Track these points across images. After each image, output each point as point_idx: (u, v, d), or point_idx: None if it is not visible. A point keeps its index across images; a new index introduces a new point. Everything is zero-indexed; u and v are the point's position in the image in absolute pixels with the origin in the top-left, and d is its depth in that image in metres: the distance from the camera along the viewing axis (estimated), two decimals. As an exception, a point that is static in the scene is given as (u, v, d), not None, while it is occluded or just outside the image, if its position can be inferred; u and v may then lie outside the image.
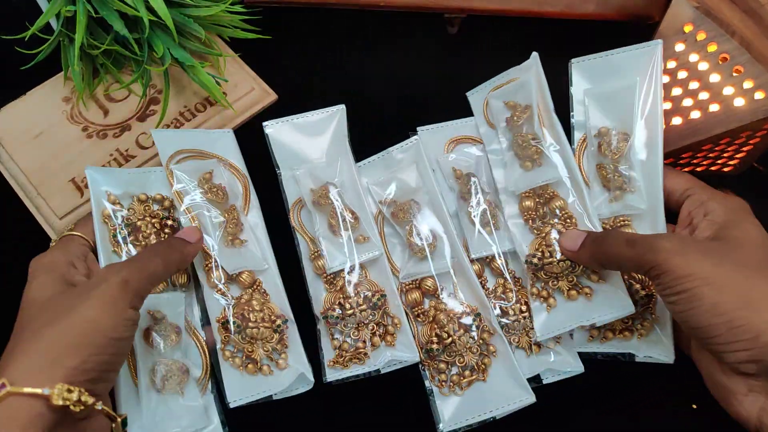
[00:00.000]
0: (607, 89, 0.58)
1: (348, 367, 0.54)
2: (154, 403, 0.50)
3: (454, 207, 0.60)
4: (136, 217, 0.55)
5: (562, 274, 0.54)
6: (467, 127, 0.63)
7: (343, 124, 0.61)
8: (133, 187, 0.57)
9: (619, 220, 0.57)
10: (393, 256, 0.58)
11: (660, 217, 0.55)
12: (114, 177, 0.56)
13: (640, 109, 0.57)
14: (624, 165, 0.56)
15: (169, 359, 0.51)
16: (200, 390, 0.52)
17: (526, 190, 0.57)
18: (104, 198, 0.55)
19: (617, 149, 0.56)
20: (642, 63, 0.57)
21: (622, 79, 0.58)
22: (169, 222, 0.55)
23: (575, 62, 0.60)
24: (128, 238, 0.54)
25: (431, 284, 0.56)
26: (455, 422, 0.52)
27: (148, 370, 0.51)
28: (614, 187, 0.56)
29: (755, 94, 0.55)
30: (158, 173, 0.58)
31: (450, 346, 0.54)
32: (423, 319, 0.56)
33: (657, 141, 0.56)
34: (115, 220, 0.55)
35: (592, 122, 0.58)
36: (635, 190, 0.56)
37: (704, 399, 0.56)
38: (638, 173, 0.56)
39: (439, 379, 0.54)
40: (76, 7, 0.58)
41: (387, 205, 0.59)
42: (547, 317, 0.54)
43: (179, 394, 0.50)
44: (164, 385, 0.50)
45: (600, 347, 0.55)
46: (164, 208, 0.57)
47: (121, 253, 0.54)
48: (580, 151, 0.58)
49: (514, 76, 0.61)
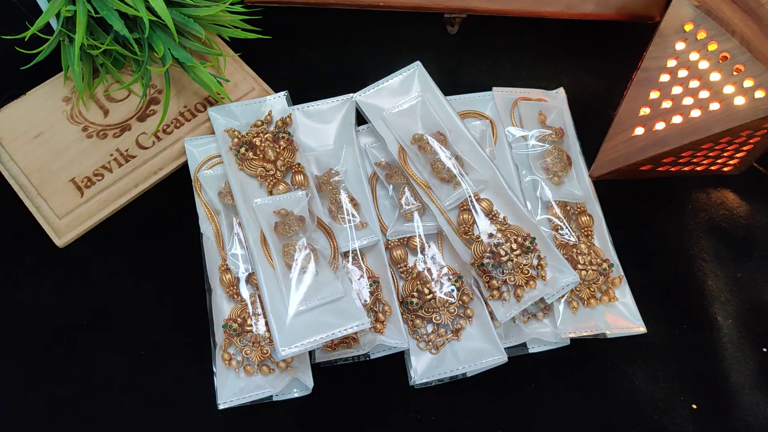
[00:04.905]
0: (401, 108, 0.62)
1: (335, 350, 0.54)
2: (293, 281, 0.53)
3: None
4: (251, 136, 0.59)
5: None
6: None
7: (351, 114, 0.63)
8: (248, 117, 0.62)
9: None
10: (382, 215, 0.60)
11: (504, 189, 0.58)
12: (230, 112, 0.62)
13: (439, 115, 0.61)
14: (449, 155, 0.58)
15: (298, 242, 0.54)
16: (331, 268, 0.54)
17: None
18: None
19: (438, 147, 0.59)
20: (417, 82, 0.63)
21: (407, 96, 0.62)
22: (282, 135, 0.59)
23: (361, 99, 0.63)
24: (248, 154, 0.59)
25: (417, 243, 0.58)
26: (427, 375, 0.54)
27: (281, 253, 0.54)
28: (450, 177, 0.58)
29: (755, 92, 0.55)
30: (268, 101, 0.63)
31: (429, 303, 0.55)
32: (406, 275, 0.57)
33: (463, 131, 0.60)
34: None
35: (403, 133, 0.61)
36: (468, 171, 0.58)
37: (704, 399, 0.57)
38: (467, 157, 0.59)
39: (418, 333, 0.56)
40: (76, 7, 0.58)
41: (382, 167, 0.61)
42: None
43: (314, 272, 0.53)
44: (299, 263, 0.53)
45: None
46: (277, 127, 0.61)
47: (242, 165, 0.59)
48: (403, 159, 0.60)
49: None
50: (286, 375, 0.53)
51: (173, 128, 0.63)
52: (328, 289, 0.53)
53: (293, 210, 0.56)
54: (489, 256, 0.55)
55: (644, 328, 0.56)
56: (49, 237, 0.58)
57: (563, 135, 0.63)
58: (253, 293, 0.55)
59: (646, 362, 0.58)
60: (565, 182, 0.61)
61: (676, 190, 0.66)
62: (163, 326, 0.59)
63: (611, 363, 0.58)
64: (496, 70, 0.72)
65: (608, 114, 0.66)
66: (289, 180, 0.59)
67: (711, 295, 0.61)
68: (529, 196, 0.60)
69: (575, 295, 0.57)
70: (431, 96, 0.62)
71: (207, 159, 0.61)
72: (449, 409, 0.56)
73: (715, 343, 0.59)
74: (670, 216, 0.65)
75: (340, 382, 0.56)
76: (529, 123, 0.63)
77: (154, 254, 0.61)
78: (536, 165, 0.61)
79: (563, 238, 0.58)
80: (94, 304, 0.59)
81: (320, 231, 0.56)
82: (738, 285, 0.62)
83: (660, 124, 0.58)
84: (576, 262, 0.57)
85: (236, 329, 0.54)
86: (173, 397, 0.56)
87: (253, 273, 0.55)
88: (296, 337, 0.50)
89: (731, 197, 0.66)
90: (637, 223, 0.64)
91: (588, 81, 0.71)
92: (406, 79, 0.63)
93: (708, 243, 0.64)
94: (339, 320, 0.51)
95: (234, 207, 0.58)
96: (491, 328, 0.55)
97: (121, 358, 0.57)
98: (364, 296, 0.55)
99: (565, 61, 0.73)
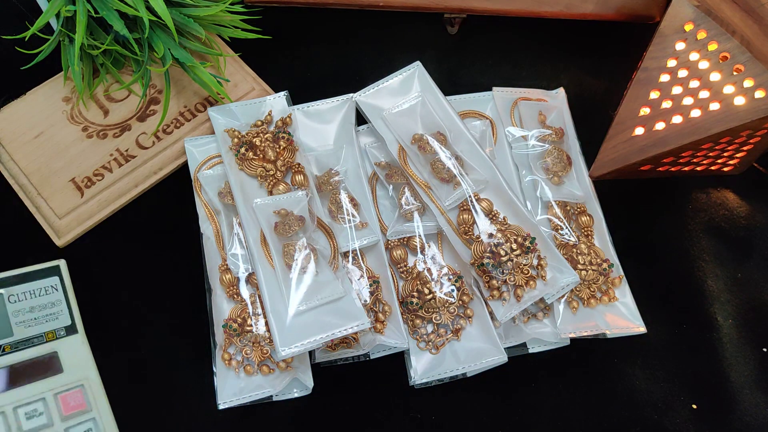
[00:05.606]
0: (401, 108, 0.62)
1: (336, 350, 0.54)
2: (293, 281, 0.53)
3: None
4: (251, 136, 0.59)
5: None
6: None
7: (351, 114, 0.63)
8: (248, 117, 0.62)
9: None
10: (383, 215, 0.60)
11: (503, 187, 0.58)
12: (230, 112, 0.62)
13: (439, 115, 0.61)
14: (449, 155, 0.58)
15: (298, 241, 0.54)
16: (331, 268, 0.54)
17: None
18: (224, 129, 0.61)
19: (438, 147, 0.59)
20: (417, 82, 0.63)
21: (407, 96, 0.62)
22: (282, 135, 0.59)
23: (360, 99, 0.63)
24: (248, 154, 0.59)
25: (417, 243, 0.58)
26: (427, 375, 0.54)
27: (281, 253, 0.54)
28: (450, 177, 0.58)
29: (755, 92, 0.55)
30: (268, 101, 0.63)
31: (429, 303, 0.55)
32: (406, 276, 0.57)
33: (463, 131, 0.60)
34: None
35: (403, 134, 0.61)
36: (468, 171, 0.58)
37: (704, 399, 0.57)
38: (467, 157, 0.59)
39: (418, 333, 0.56)
40: (76, 7, 0.58)
41: (382, 167, 0.61)
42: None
43: (314, 272, 0.53)
44: (299, 263, 0.53)
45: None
46: (277, 127, 0.61)
47: (242, 165, 0.59)
48: (403, 159, 0.60)
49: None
50: (286, 375, 0.53)
51: (173, 128, 0.63)
52: (328, 289, 0.53)
53: (293, 210, 0.56)
54: (489, 256, 0.55)
55: (644, 328, 0.56)
56: (49, 237, 0.58)
57: (563, 135, 0.62)
58: (253, 293, 0.55)
59: (646, 362, 0.58)
60: (565, 182, 0.61)
61: (676, 190, 0.66)
62: (163, 326, 0.59)
63: (611, 363, 0.58)
64: (496, 70, 0.72)
65: (608, 114, 0.66)
66: (289, 180, 0.59)
67: (711, 295, 0.61)
68: (529, 196, 0.60)
69: (575, 295, 0.57)
70: (431, 96, 0.62)
71: (207, 159, 0.61)
72: (449, 409, 0.56)
73: (715, 343, 0.59)
74: (670, 216, 0.65)
75: (340, 382, 0.56)
76: (529, 123, 0.63)
77: (154, 254, 0.61)
78: (536, 165, 0.61)
79: (563, 238, 0.58)
80: (93, 304, 0.59)
81: (320, 231, 0.56)
82: (738, 285, 0.62)
83: (660, 124, 0.58)
84: (576, 262, 0.57)
85: (236, 329, 0.54)
86: (173, 397, 0.56)
87: (253, 273, 0.55)
88: (296, 337, 0.50)
89: (731, 197, 0.66)
90: (637, 223, 0.64)
91: (588, 81, 0.71)
92: (406, 79, 0.63)
93: (708, 243, 0.64)
94: (339, 320, 0.51)
95: (234, 207, 0.58)
96: (491, 328, 0.55)
97: (121, 358, 0.57)
98: (364, 296, 0.55)
99: (565, 61, 0.73)
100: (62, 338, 0.52)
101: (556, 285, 0.54)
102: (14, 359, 0.50)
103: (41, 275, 0.53)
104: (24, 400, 0.49)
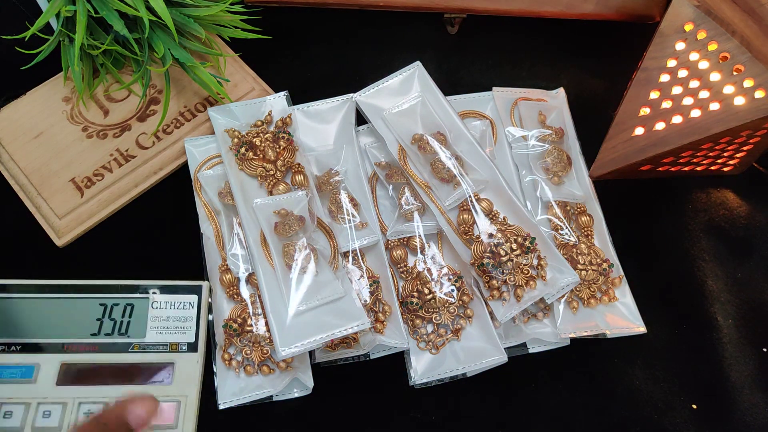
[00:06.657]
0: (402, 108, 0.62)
1: (336, 350, 0.54)
2: (293, 281, 0.53)
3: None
4: (251, 136, 0.59)
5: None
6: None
7: (351, 114, 0.63)
8: (248, 117, 0.62)
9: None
10: (383, 215, 0.60)
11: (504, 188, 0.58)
12: (230, 112, 0.63)
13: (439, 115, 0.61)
14: (449, 155, 0.58)
15: (298, 242, 0.54)
16: (331, 268, 0.54)
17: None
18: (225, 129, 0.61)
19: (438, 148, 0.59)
20: (417, 82, 0.63)
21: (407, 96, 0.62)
22: (282, 135, 0.60)
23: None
24: (248, 154, 0.59)
25: (417, 243, 0.58)
26: (427, 375, 0.54)
27: (281, 254, 0.54)
28: (450, 177, 0.58)
29: (755, 92, 0.55)
30: (268, 101, 0.63)
31: (429, 303, 0.55)
32: (406, 276, 0.57)
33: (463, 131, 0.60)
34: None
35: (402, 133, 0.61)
36: (468, 171, 0.58)
37: (704, 399, 0.57)
38: (467, 157, 0.59)
39: (418, 333, 0.56)
40: (76, 7, 0.58)
41: (382, 167, 0.61)
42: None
43: (314, 272, 0.53)
44: (299, 263, 0.53)
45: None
46: (277, 127, 0.62)
47: (242, 165, 0.59)
48: (403, 159, 0.60)
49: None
50: (286, 375, 0.53)
51: (173, 128, 0.63)
52: (328, 289, 0.53)
53: (293, 210, 0.56)
54: (489, 256, 0.55)
55: (644, 328, 0.56)
56: (49, 237, 0.58)
57: (563, 135, 0.62)
58: (253, 293, 0.55)
59: (646, 362, 0.58)
60: (565, 182, 0.61)
61: (676, 190, 0.66)
62: (163, 326, 0.59)
63: (611, 363, 0.58)
64: (496, 70, 0.72)
65: (608, 114, 0.66)
66: (289, 180, 0.59)
67: (711, 295, 0.61)
68: (529, 196, 0.60)
69: (575, 295, 0.57)
70: (431, 96, 0.62)
71: (207, 159, 0.61)
72: (449, 409, 0.56)
73: (715, 343, 0.59)
74: (670, 216, 0.65)
75: (340, 382, 0.56)
76: (529, 123, 0.63)
77: (154, 254, 0.61)
78: (536, 165, 0.61)
79: (563, 238, 0.58)
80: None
81: (320, 231, 0.56)
82: (738, 285, 0.62)
83: (660, 124, 0.58)
84: (576, 262, 0.57)
85: (236, 329, 0.54)
86: (173, 397, 0.56)
87: (253, 273, 0.55)
88: (296, 337, 0.50)
89: (731, 197, 0.66)
90: (637, 223, 0.64)
91: (588, 81, 0.71)
92: (406, 79, 0.63)
93: (708, 243, 0.64)
94: (339, 320, 0.51)
95: (234, 207, 0.58)
96: (491, 328, 0.55)
97: (121, 358, 0.57)
98: (364, 296, 0.55)
99: (565, 61, 0.73)
100: (183, 352, 0.53)
101: (556, 285, 0.54)
102: (139, 359, 0.53)
103: (184, 290, 0.55)
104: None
